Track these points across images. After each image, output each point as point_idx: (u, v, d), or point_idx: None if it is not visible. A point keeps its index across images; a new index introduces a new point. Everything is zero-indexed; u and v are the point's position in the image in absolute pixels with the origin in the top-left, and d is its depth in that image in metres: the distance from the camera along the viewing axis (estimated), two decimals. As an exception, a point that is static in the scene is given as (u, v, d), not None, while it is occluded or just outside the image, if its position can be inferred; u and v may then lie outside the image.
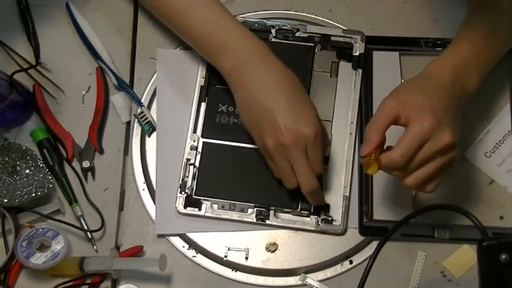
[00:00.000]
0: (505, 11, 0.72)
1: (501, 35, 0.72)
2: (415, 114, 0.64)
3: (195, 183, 0.76)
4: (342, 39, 0.81)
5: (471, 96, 0.70)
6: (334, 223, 0.75)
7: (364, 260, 0.75)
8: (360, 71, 0.80)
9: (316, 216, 0.75)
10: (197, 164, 0.76)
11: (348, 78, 0.80)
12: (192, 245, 0.76)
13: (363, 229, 0.75)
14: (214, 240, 0.75)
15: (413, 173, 0.65)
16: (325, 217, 0.75)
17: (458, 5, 0.79)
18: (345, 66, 0.80)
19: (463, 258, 0.74)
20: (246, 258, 0.75)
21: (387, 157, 0.64)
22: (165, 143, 0.78)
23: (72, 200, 0.76)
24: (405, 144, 0.63)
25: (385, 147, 0.66)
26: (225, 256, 0.75)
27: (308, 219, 0.75)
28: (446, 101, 0.66)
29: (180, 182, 0.76)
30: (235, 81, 0.71)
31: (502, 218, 0.76)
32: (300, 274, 0.75)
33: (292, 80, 0.71)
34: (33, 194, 0.74)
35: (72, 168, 0.78)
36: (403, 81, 0.79)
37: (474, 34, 0.71)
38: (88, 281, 0.74)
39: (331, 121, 0.78)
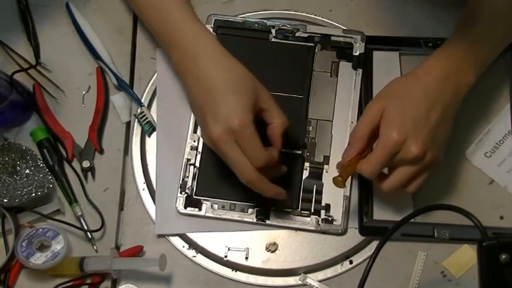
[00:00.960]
0: (499, 12, 0.72)
1: (495, 36, 0.72)
2: (384, 128, 0.67)
3: (195, 183, 0.76)
4: (342, 39, 0.81)
5: (468, 92, 0.70)
6: (334, 223, 0.75)
7: (364, 260, 0.75)
8: (360, 71, 0.80)
9: (316, 216, 0.75)
10: (197, 164, 0.76)
11: (348, 78, 0.80)
12: (192, 245, 0.76)
13: (363, 229, 0.75)
14: (214, 240, 0.75)
15: (387, 179, 0.68)
16: (326, 217, 0.75)
17: (458, 5, 0.79)
18: (345, 66, 0.80)
19: (463, 258, 0.74)
20: (246, 258, 0.75)
21: (360, 169, 0.67)
22: (165, 143, 0.78)
23: (72, 200, 0.76)
24: (374, 160, 0.66)
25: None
26: (225, 256, 0.75)
27: (308, 219, 0.75)
28: (423, 108, 0.67)
29: (181, 182, 0.76)
30: (179, 75, 0.72)
31: (502, 218, 0.76)
32: (300, 274, 0.75)
33: (233, 72, 0.69)
34: (33, 194, 0.74)
35: (72, 168, 0.78)
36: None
37: (469, 27, 0.71)
38: (88, 281, 0.74)
39: (331, 121, 0.78)
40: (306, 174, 0.76)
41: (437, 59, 0.71)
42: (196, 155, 0.77)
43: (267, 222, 0.75)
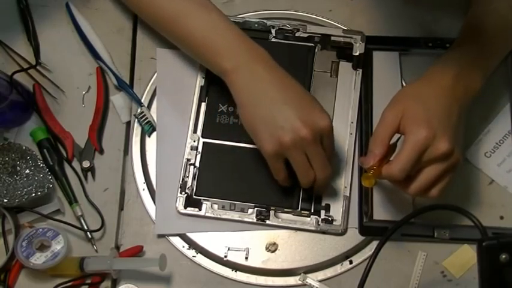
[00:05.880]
0: (506, 20, 0.72)
1: (504, 33, 0.72)
2: (410, 126, 0.65)
3: (195, 183, 0.76)
4: (342, 39, 0.81)
5: (476, 96, 0.70)
6: (334, 223, 0.75)
7: (364, 260, 0.75)
8: (360, 71, 0.80)
9: (316, 216, 0.75)
10: (197, 164, 0.76)
11: (348, 78, 0.80)
12: (192, 245, 0.76)
13: (363, 229, 0.75)
14: (214, 240, 0.75)
15: (414, 181, 0.66)
16: (326, 217, 0.75)
17: (458, 5, 0.79)
18: (345, 66, 0.80)
19: (463, 258, 0.74)
20: (246, 258, 0.75)
21: (387, 171, 0.66)
22: (165, 143, 0.78)
23: (72, 200, 0.76)
24: (403, 158, 0.64)
25: (391, 158, 0.67)
26: (225, 256, 0.75)
27: (308, 219, 0.75)
28: (444, 107, 0.66)
29: (180, 182, 0.76)
30: (235, 81, 0.69)
31: (502, 218, 0.76)
32: (300, 274, 0.75)
33: (294, 81, 0.70)
34: (33, 194, 0.74)
35: (72, 168, 0.78)
36: (403, 81, 0.80)
37: (476, 33, 0.71)
38: (88, 281, 0.74)
39: (331, 121, 0.78)
40: (306, 174, 0.76)
41: (449, 60, 0.70)
42: (196, 155, 0.77)
43: (267, 222, 0.75)
